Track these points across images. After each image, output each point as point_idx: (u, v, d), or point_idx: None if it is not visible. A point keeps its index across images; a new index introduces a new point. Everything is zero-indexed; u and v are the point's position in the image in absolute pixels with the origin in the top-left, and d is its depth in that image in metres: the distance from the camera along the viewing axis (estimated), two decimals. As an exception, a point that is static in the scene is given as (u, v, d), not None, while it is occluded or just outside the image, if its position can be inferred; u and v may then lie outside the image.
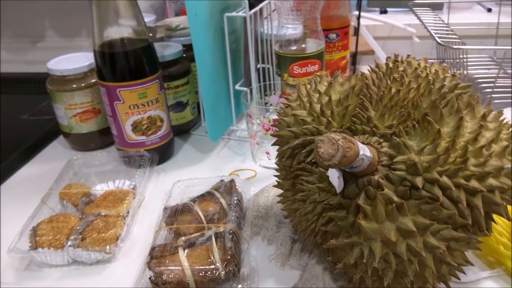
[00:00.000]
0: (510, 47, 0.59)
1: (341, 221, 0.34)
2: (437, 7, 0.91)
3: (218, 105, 0.66)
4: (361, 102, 0.37)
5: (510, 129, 0.39)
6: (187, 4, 0.55)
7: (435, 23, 0.73)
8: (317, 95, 0.40)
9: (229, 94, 0.69)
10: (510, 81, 0.75)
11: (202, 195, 0.50)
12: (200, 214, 0.47)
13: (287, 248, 0.47)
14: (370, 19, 0.87)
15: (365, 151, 0.31)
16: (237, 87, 0.69)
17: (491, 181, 0.33)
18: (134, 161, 0.61)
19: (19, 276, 0.47)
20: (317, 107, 0.38)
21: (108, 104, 0.61)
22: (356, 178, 0.34)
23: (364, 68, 0.93)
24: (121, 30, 0.58)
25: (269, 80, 0.75)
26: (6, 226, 0.54)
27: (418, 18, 0.71)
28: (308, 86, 0.42)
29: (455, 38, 0.65)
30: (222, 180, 0.53)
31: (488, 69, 0.82)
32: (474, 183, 0.33)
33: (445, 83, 0.39)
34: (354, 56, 0.85)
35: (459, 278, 0.38)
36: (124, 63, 0.59)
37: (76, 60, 0.67)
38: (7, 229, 0.53)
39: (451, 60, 0.72)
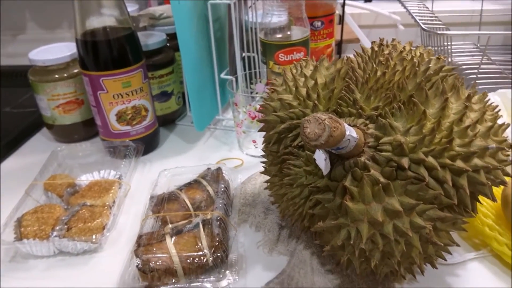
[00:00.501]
0: (493, 32, 0.59)
1: (328, 203, 0.34)
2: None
3: (204, 94, 0.66)
4: (347, 85, 0.37)
5: (495, 110, 0.39)
6: (170, -9, 0.55)
7: (419, 11, 0.73)
8: (303, 79, 0.40)
9: (214, 83, 0.68)
10: (493, 67, 0.76)
11: (189, 183, 0.50)
12: (187, 202, 0.47)
13: (274, 234, 0.47)
14: (355, 7, 0.87)
15: (351, 132, 0.31)
16: (222, 75, 0.68)
17: (476, 161, 0.34)
18: (119, 151, 0.61)
19: (4, 268, 0.46)
20: (303, 90, 0.38)
21: (92, 94, 0.60)
22: (343, 160, 0.34)
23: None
24: (103, 19, 0.57)
25: (255, 69, 0.75)
26: (-11, 219, 0.53)
27: (403, 5, 0.72)
28: (294, 71, 0.42)
29: (439, 25, 0.66)
30: (209, 168, 0.53)
31: (472, 55, 0.83)
32: (459, 163, 0.33)
33: (430, 65, 0.40)
34: (339, 44, 0.85)
35: (445, 259, 0.38)
36: (107, 52, 0.58)
37: (58, 50, 0.66)
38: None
39: (436, 48, 0.72)
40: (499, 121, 0.40)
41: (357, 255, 0.33)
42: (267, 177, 0.55)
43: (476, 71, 0.74)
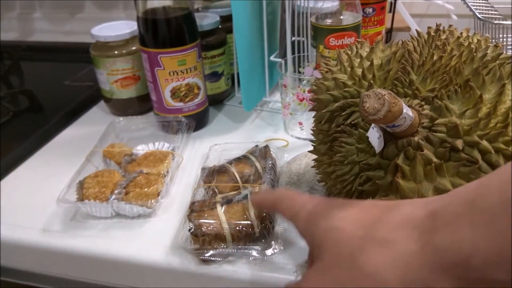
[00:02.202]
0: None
1: (379, 180, 0.35)
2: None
3: (253, 76, 0.68)
4: (403, 67, 0.38)
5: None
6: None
7: (475, 1, 0.71)
8: (358, 59, 0.41)
9: (263, 65, 0.70)
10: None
11: (238, 158, 0.52)
12: (236, 175, 0.49)
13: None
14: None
15: (408, 110, 0.32)
16: (272, 58, 0.70)
17: (531, 148, 0.34)
18: (172, 126, 0.64)
19: (66, 225, 0.50)
20: (359, 70, 0.39)
21: (149, 70, 0.63)
22: (396, 139, 0.35)
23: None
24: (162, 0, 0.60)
25: (304, 53, 0.76)
26: (52, 180, 0.57)
27: (458, -7, 0.70)
28: (349, 52, 0.43)
29: (496, 15, 0.64)
30: (257, 146, 0.55)
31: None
32: (513, 149, 0.33)
33: (487, 52, 0.40)
34: (389, 32, 0.85)
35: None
36: (165, 30, 0.60)
37: (119, 27, 0.69)
38: (54, 182, 0.56)
39: (492, 40, 0.70)
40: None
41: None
42: (312, 158, 0.56)
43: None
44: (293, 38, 0.75)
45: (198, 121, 0.67)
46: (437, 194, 0.33)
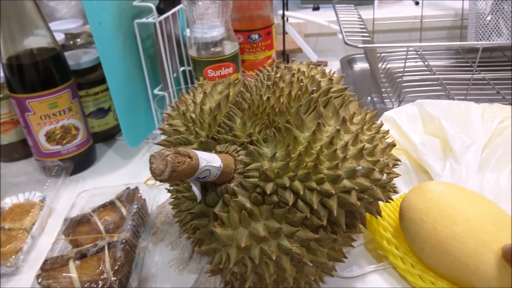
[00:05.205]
0: (413, 44, 0.61)
1: (204, 228, 0.35)
2: (367, 2, 0.93)
3: (136, 110, 0.67)
4: (229, 111, 0.38)
5: (380, 130, 0.40)
6: (89, 14, 0.55)
7: (351, 21, 0.74)
8: (193, 104, 0.41)
9: (148, 99, 0.69)
10: (428, 74, 0.77)
11: (104, 205, 0.51)
12: (99, 224, 0.48)
13: (188, 253, 0.49)
14: (294, 17, 0.88)
15: (212, 162, 0.32)
16: (156, 91, 0.69)
17: (345, 182, 0.35)
18: (49, 170, 0.62)
19: None
20: (190, 116, 0.39)
21: (21, 116, 0.61)
22: (216, 186, 0.35)
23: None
24: (27, 42, 0.58)
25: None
26: None
27: (336, 16, 0.73)
28: (191, 94, 0.43)
29: (366, 36, 0.67)
30: (128, 188, 0.54)
31: (415, 61, 0.85)
32: (326, 186, 0.34)
33: (320, 86, 0.40)
34: (283, 54, 0.86)
35: (331, 275, 0.40)
36: (31, 74, 0.58)
37: (-10, 72, 0.66)
38: None
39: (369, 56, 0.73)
40: (388, 140, 0.42)
41: (231, 277, 0.34)
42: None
43: (416, 77, 0.75)
44: (183, 68, 0.75)
45: (81, 162, 0.66)
46: (253, 240, 0.33)
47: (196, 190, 0.34)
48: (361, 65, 0.90)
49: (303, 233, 0.34)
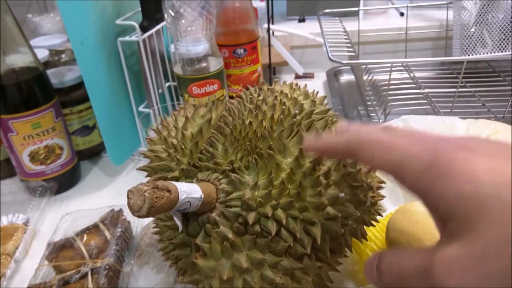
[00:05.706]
0: (395, 60, 0.61)
1: (186, 258, 0.34)
2: (353, 14, 0.93)
3: (121, 128, 0.66)
4: (211, 137, 0.38)
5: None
6: (70, 34, 0.55)
7: (336, 35, 0.74)
8: (174, 129, 0.40)
9: (133, 116, 0.68)
10: (414, 87, 0.77)
11: (87, 228, 0.50)
12: (82, 248, 0.47)
13: (173, 277, 0.48)
14: (278, 30, 0.88)
15: (192, 193, 0.31)
16: (141, 108, 0.69)
17: (329, 209, 0.35)
18: (33, 191, 0.61)
19: None
20: (172, 142, 0.39)
21: (4, 136, 0.60)
22: (198, 216, 0.34)
23: (283, 78, 0.94)
24: (9, 60, 0.57)
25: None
26: None
27: (321, 29, 0.73)
28: (173, 118, 0.43)
29: (351, 51, 0.67)
30: (112, 210, 0.53)
31: (401, 73, 0.85)
32: (309, 214, 0.34)
33: (303, 108, 0.40)
34: (269, 67, 0.86)
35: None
36: (13, 95, 0.58)
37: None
38: None
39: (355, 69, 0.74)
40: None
41: (215, 308, 0.34)
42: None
43: (401, 91, 0.75)
44: (168, 84, 0.74)
45: (66, 182, 0.65)
46: (235, 271, 0.33)
47: (177, 220, 0.34)
48: (347, 77, 0.90)
49: (287, 262, 0.34)
